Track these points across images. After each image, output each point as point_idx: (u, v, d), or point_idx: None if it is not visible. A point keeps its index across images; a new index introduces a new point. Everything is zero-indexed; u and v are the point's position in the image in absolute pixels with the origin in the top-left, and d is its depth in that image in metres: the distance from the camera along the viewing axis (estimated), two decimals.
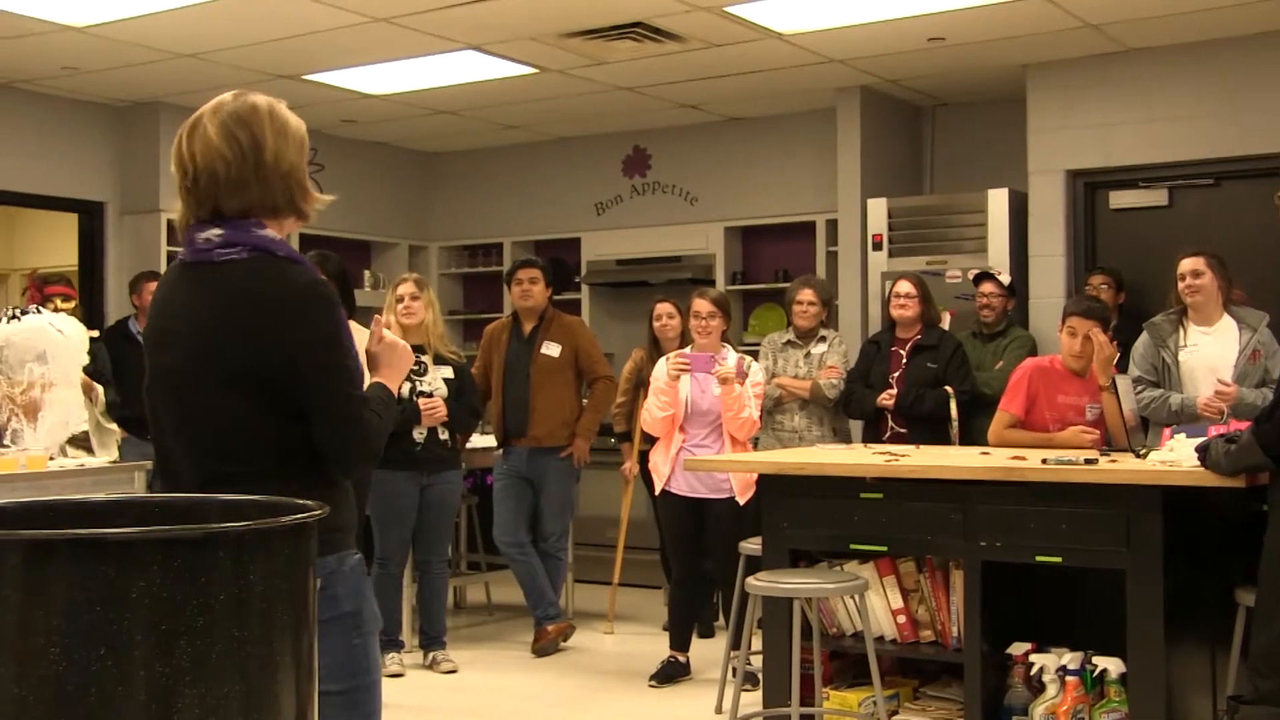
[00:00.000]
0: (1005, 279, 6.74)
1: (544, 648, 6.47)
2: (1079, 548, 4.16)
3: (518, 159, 9.67)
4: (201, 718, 1.07)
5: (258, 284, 2.34)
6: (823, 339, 6.54)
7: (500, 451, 6.70)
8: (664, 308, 6.66)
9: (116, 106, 8.28)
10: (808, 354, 6.51)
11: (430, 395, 5.93)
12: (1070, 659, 4.28)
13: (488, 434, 6.89)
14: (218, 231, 2.36)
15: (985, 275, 6.78)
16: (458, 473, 6.28)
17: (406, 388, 5.87)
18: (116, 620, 1.04)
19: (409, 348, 2.67)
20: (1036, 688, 4.34)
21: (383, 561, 6.04)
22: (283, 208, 2.41)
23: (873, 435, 6.34)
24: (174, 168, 2.43)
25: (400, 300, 6.03)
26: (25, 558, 1.04)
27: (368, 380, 2.53)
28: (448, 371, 6.08)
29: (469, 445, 6.76)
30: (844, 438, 6.53)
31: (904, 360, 6.28)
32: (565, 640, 6.57)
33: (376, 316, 2.70)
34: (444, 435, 6.06)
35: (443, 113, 8.57)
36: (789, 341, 6.58)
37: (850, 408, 6.45)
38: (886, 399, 6.21)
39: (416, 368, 5.93)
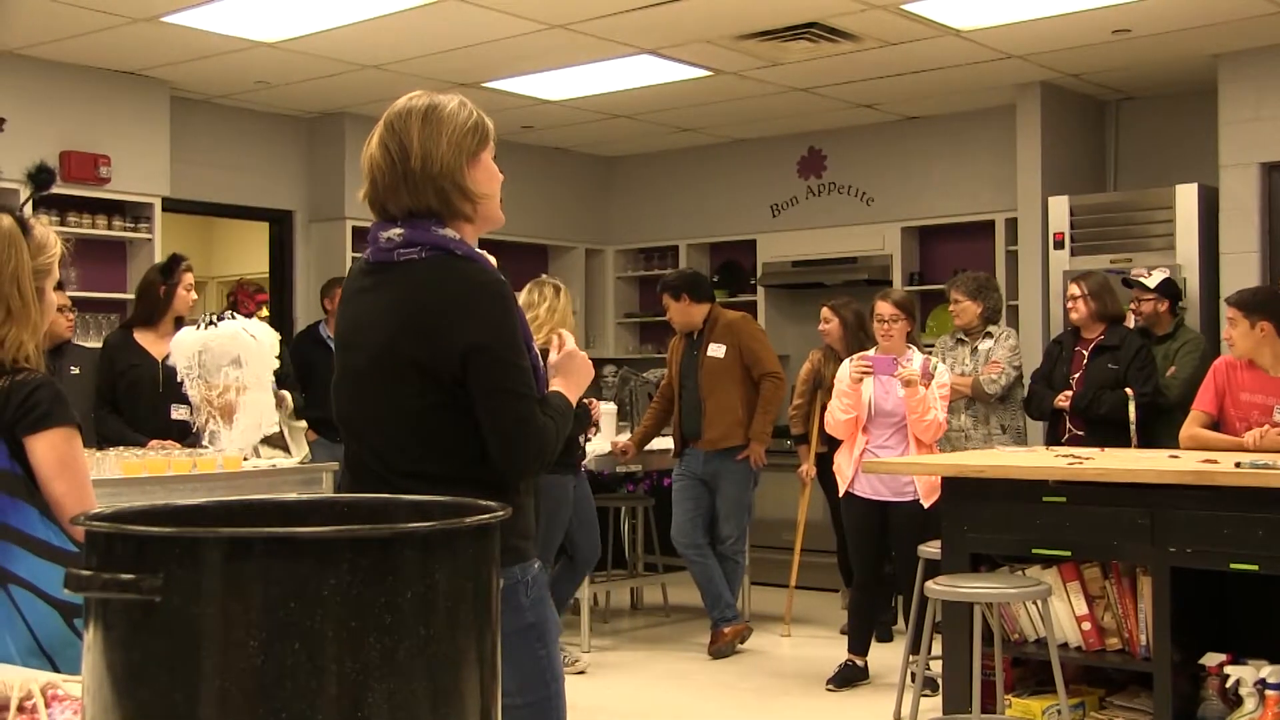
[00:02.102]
0: (1150, 281, 6.41)
1: (720, 649, 6.47)
2: (1278, 556, 3.98)
3: (693, 162, 9.69)
4: (390, 713, 1.09)
5: (433, 281, 2.35)
6: (989, 334, 6.46)
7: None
8: (823, 312, 6.69)
9: (304, 118, 8.57)
10: (974, 350, 6.44)
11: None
12: (1270, 672, 4.10)
13: (667, 435, 6.94)
14: (399, 231, 2.38)
15: (1133, 282, 6.49)
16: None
17: None
18: (309, 616, 1.07)
19: (589, 360, 2.63)
20: (1233, 701, 4.17)
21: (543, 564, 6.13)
22: (439, 211, 2.37)
23: (1052, 437, 6.21)
24: None
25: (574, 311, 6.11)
26: (226, 554, 1.08)
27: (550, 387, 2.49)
28: None
29: (648, 448, 6.84)
30: (1015, 435, 6.42)
31: (1085, 361, 6.12)
32: (742, 642, 6.56)
33: (560, 330, 2.66)
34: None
35: (619, 117, 8.64)
36: (958, 339, 6.54)
37: (1030, 408, 6.33)
38: (1062, 400, 6.05)
39: None
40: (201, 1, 6.04)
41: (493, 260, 2.45)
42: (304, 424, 5.42)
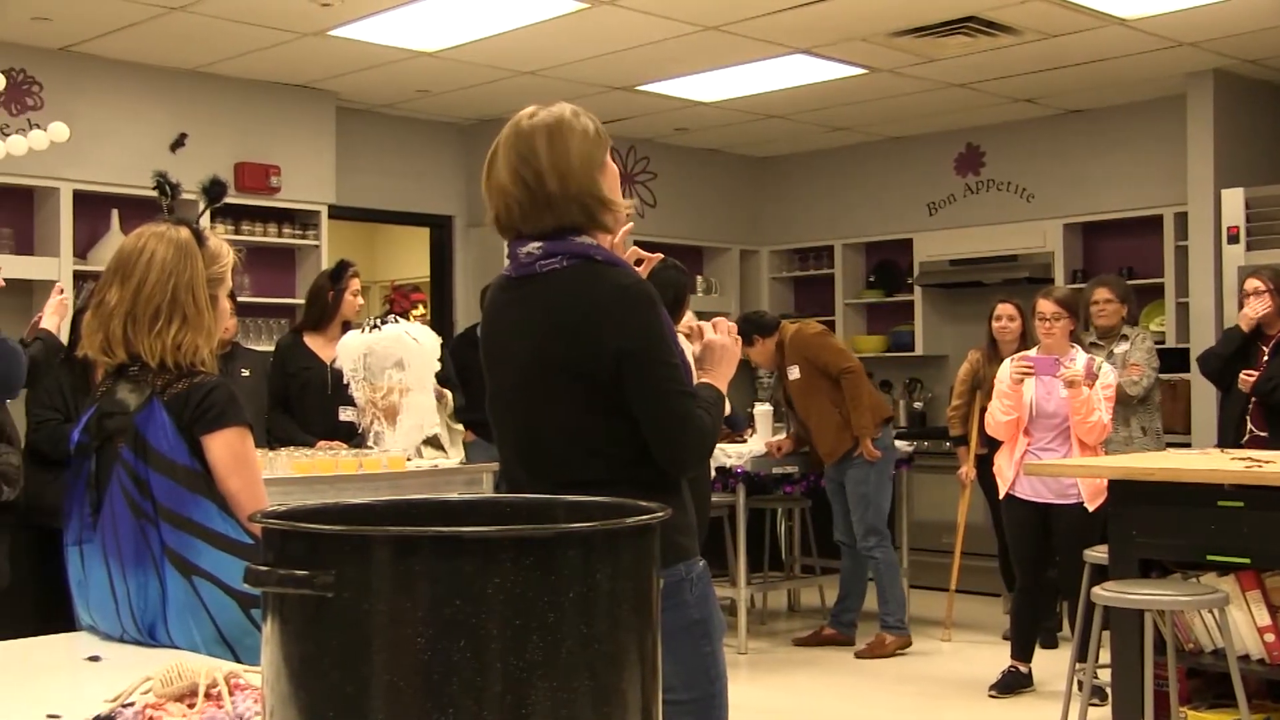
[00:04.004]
0: None
1: (806, 640, 6.83)
2: None
3: (847, 161, 9.60)
4: (553, 710, 1.10)
5: (578, 289, 2.38)
6: (1125, 337, 6.38)
7: None
8: (1005, 309, 6.56)
9: (462, 125, 8.72)
10: (1110, 354, 6.26)
11: None
12: None
13: None
14: (538, 245, 2.42)
15: None
16: None
17: None
18: (474, 614, 1.09)
19: (730, 345, 2.59)
20: None
21: None
22: (583, 226, 2.41)
23: (1231, 439, 5.96)
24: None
25: None
26: (393, 552, 1.10)
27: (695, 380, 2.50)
28: None
29: (804, 449, 6.86)
30: (1155, 437, 6.35)
31: (1265, 359, 5.89)
32: (834, 646, 6.73)
33: (689, 325, 2.65)
34: None
35: (772, 117, 8.61)
36: (1093, 343, 6.35)
37: (1209, 364, 6.11)
38: (1246, 378, 5.80)
39: None
40: (366, 14, 6.20)
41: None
42: (461, 427, 5.51)
